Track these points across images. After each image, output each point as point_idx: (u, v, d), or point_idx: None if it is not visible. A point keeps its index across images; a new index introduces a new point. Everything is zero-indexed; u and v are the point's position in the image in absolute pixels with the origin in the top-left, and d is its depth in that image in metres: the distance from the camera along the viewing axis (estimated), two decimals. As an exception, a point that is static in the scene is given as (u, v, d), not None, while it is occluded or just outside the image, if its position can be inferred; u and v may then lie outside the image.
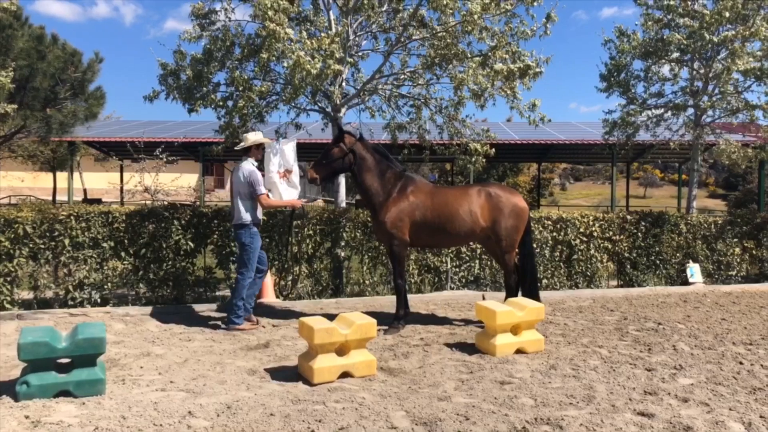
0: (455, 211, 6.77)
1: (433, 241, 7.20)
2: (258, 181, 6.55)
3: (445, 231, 6.82)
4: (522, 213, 6.98)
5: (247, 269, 6.62)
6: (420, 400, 4.47)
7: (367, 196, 6.83)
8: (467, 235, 6.97)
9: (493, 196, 6.93)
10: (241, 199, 6.57)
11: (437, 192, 6.98)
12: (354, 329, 5.00)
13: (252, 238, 6.59)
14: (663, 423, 4.09)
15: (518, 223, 6.95)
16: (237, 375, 5.01)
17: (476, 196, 6.91)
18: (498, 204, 6.88)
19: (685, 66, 11.51)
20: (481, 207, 6.86)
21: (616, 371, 5.31)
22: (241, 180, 6.59)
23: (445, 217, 6.76)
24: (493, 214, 6.87)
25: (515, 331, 5.87)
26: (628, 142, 12.33)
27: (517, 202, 6.99)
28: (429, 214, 6.76)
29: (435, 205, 6.78)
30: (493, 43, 8.24)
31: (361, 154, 6.74)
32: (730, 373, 5.32)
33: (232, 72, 8.29)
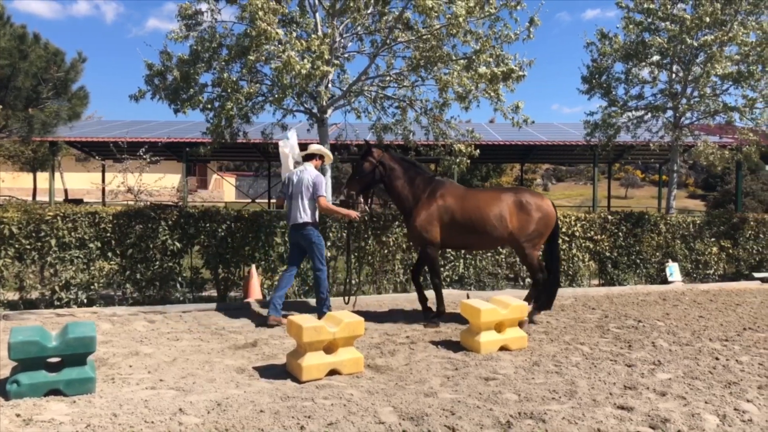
0: (486, 215, 6.99)
1: (464, 242, 7.39)
2: (322, 183, 7.04)
3: (475, 233, 7.05)
4: (549, 219, 7.19)
5: (322, 263, 7.10)
6: (407, 396, 4.57)
7: (399, 202, 7.30)
8: (497, 238, 7.16)
9: (524, 202, 7.13)
10: (307, 200, 6.98)
11: (468, 195, 7.17)
12: (342, 327, 5.09)
13: (319, 235, 7.11)
14: (641, 416, 4.23)
15: (544, 229, 7.19)
16: (226, 373, 5.07)
17: (507, 201, 7.11)
18: (528, 210, 7.09)
19: (665, 69, 11.73)
20: (510, 212, 7.06)
21: (597, 367, 5.45)
22: (305, 182, 6.99)
23: (475, 220, 6.99)
24: (522, 219, 7.07)
25: (499, 328, 6.00)
26: (609, 143, 12.54)
27: (546, 208, 7.19)
28: (459, 217, 6.99)
29: (465, 209, 7.01)
30: (478, 46, 8.37)
31: (389, 164, 7.20)
32: (707, 368, 5.49)
33: (219, 73, 8.33)
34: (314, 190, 6.96)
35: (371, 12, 8.99)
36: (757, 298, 9.28)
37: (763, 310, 8.37)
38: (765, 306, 8.66)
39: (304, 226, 6.98)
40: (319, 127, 9.40)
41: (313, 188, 6.96)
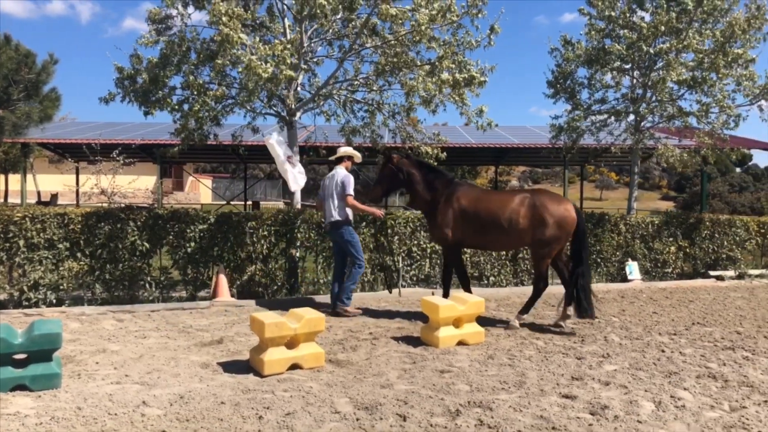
0: (497, 217, 7.04)
1: (480, 243, 7.56)
2: (350, 183, 7.52)
3: (489, 235, 7.17)
4: (565, 223, 6.94)
5: (358, 259, 7.58)
6: (364, 387, 4.79)
7: (420, 205, 7.64)
8: (511, 239, 7.19)
9: (537, 205, 6.98)
10: (338, 200, 7.51)
11: (483, 197, 7.32)
12: (303, 323, 5.28)
13: (351, 233, 7.59)
14: (584, 403, 4.50)
15: (560, 233, 6.95)
16: (190, 369, 5.24)
17: (519, 204, 7.05)
18: (541, 213, 6.93)
19: (627, 74, 12.13)
20: (523, 215, 6.98)
21: (549, 360, 5.72)
22: (335, 183, 7.54)
23: (488, 222, 7.09)
24: (535, 222, 6.94)
25: (457, 324, 6.25)
26: (574, 146, 12.90)
27: (561, 212, 6.96)
28: (474, 218, 7.17)
29: (479, 211, 7.15)
30: (441, 52, 8.62)
31: (408, 170, 7.49)
32: (652, 360, 5.79)
33: (187, 76, 8.48)
34: (342, 189, 7.46)
35: (340, 17, 9.20)
36: (710, 295, 9.68)
37: (714, 306, 8.75)
38: (716, 302, 9.05)
39: (336, 224, 7.53)
40: (288, 129, 9.58)
41: (342, 187, 7.47)
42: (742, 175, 74.69)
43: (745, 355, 6.00)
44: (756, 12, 10.72)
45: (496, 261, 10.15)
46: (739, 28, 10.38)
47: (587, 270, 7.14)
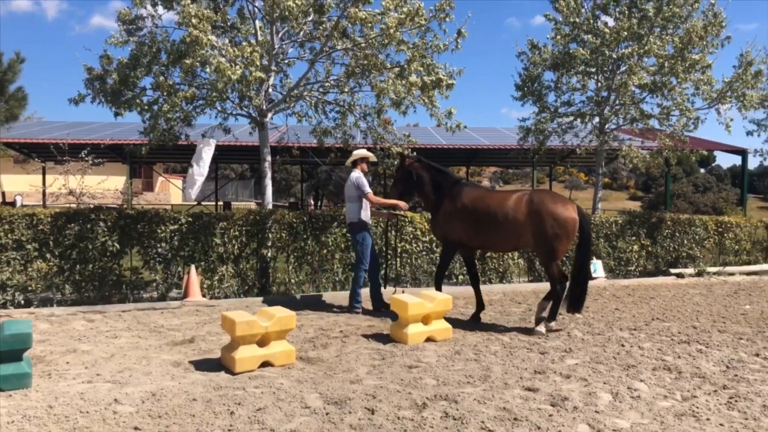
0: (495, 216, 7.03)
1: (482, 243, 7.55)
2: (364, 183, 7.72)
3: (489, 234, 7.20)
4: (565, 223, 6.77)
5: (362, 262, 7.79)
6: (333, 383, 4.91)
7: (428, 205, 7.83)
8: (510, 240, 7.14)
9: (534, 203, 6.88)
10: (351, 202, 7.75)
11: (484, 197, 7.35)
12: (274, 322, 5.39)
13: (363, 235, 7.77)
14: (545, 395, 4.70)
15: (561, 233, 6.77)
16: (162, 367, 5.30)
17: (517, 204, 6.99)
18: (538, 212, 6.81)
19: (591, 78, 12.45)
20: (521, 214, 6.91)
21: (513, 355, 5.92)
22: (350, 185, 7.76)
23: (487, 222, 7.13)
24: (532, 221, 6.84)
25: (426, 321, 6.41)
26: (542, 148, 13.20)
27: (562, 213, 6.79)
28: (475, 218, 7.23)
29: (479, 210, 7.20)
30: (409, 56, 8.79)
31: (419, 173, 7.71)
32: (612, 354, 6.02)
33: (157, 77, 8.49)
34: (358, 190, 7.69)
35: (310, 20, 9.29)
36: (670, 292, 10.02)
37: (673, 302, 9.07)
38: (676, 299, 9.38)
39: (351, 226, 7.81)
40: (260, 130, 9.65)
41: (357, 188, 7.69)
42: (706, 175, 76.57)
43: (699, 348, 6.28)
44: (713, 19, 11.13)
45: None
46: (696, 35, 10.76)
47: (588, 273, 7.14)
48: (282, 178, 47.37)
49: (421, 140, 20.04)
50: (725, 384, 5.06)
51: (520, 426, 4.05)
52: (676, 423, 4.17)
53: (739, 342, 6.61)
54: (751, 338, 6.79)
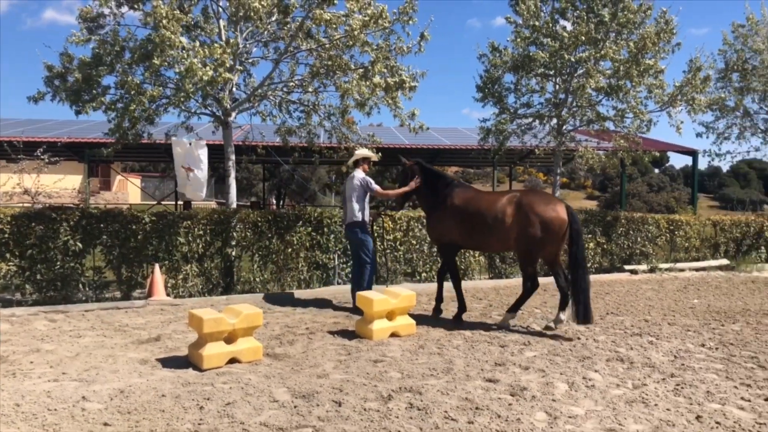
0: (484, 216, 7.07)
1: (474, 243, 7.62)
2: (370, 182, 7.89)
3: (479, 234, 7.24)
4: (552, 224, 6.74)
5: (369, 258, 7.90)
6: (301, 378, 5.03)
7: (423, 206, 8.03)
8: (499, 240, 7.14)
9: (522, 204, 6.89)
10: (355, 201, 7.83)
11: (474, 199, 7.38)
12: (241, 319, 5.47)
13: (365, 234, 7.91)
14: (505, 386, 4.90)
15: (546, 234, 6.75)
16: (129, 365, 5.32)
17: (505, 205, 7.01)
18: (526, 212, 6.81)
19: (550, 80, 12.80)
20: (508, 214, 6.93)
21: (475, 348, 6.13)
22: (354, 185, 7.84)
23: (476, 223, 7.18)
24: (519, 222, 6.85)
25: (390, 316, 6.57)
26: (501, 148, 13.50)
27: (548, 212, 6.77)
28: (464, 219, 7.29)
29: (469, 211, 7.26)
30: (373, 57, 8.93)
31: (416, 175, 7.84)
32: (568, 346, 6.29)
33: (123, 76, 8.43)
34: (366, 190, 7.85)
35: (275, 20, 9.35)
36: (624, 288, 10.42)
37: (627, 297, 9.45)
38: (629, 294, 9.77)
39: (353, 225, 7.86)
40: (224, 129, 9.66)
41: (364, 189, 7.84)
42: (660, 175, 78.98)
43: (650, 340, 6.60)
44: (664, 26, 11.58)
45: (428, 258, 10.55)
46: (650, 41, 11.20)
47: (585, 272, 6.85)
48: (243, 177, 47.00)
49: (385, 140, 20.21)
50: (673, 372, 5.35)
51: (481, 415, 4.24)
52: (627, 409, 4.41)
53: (686, 334, 6.96)
54: (697, 330, 7.16)
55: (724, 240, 14.00)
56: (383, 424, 4.04)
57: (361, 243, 7.90)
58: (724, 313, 8.26)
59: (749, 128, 16.66)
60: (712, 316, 8.03)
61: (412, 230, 10.35)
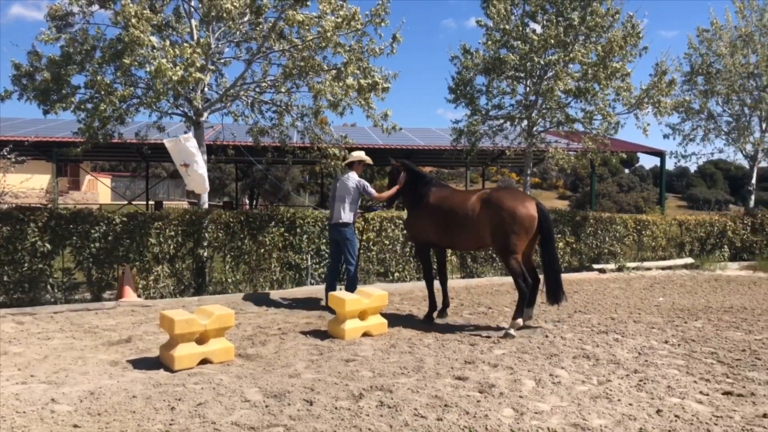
0: (456, 214, 7.17)
1: (449, 242, 7.61)
2: (368, 185, 8.03)
3: (451, 233, 7.31)
4: (523, 220, 6.75)
5: (354, 259, 8.03)
6: (272, 378, 5.06)
7: (405, 205, 8.22)
8: (472, 237, 7.18)
9: (492, 201, 6.93)
10: (347, 202, 7.94)
11: (449, 197, 7.46)
12: (213, 320, 5.48)
13: (353, 235, 8.07)
14: (474, 383, 5.00)
15: (518, 230, 6.75)
16: (99, 367, 5.30)
17: (476, 202, 7.06)
18: (495, 209, 6.85)
19: (521, 82, 12.99)
20: (479, 212, 6.97)
21: (445, 346, 6.23)
22: (348, 187, 7.96)
23: (450, 221, 7.25)
24: (491, 219, 6.88)
25: (362, 316, 6.64)
26: (473, 149, 13.66)
27: (519, 210, 6.77)
28: (439, 218, 7.35)
29: (443, 209, 7.35)
30: (346, 58, 8.98)
31: (401, 174, 7.97)
32: (536, 344, 6.42)
33: (93, 75, 8.34)
34: (361, 193, 8.00)
35: (247, 20, 9.34)
36: (592, 287, 10.64)
37: (595, 296, 9.65)
38: (597, 293, 9.98)
39: (343, 225, 7.94)
40: (195, 129, 9.62)
41: (359, 191, 7.97)
42: (630, 176, 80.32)
43: (616, 338, 6.77)
44: (631, 30, 11.85)
45: (400, 258, 10.63)
46: (617, 45, 11.44)
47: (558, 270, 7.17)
48: (216, 177, 46.61)
49: (359, 140, 20.30)
50: (636, 369, 5.51)
51: (450, 411, 4.33)
52: (592, 404, 4.54)
53: (651, 331, 7.15)
54: (662, 327, 7.36)
55: (689, 239, 14.35)
56: (354, 422, 4.10)
57: (348, 243, 7.96)
58: (688, 311, 8.50)
59: (713, 130, 17.10)
60: (676, 314, 8.25)
61: (385, 230, 10.43)
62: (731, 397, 4.78)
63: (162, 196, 42.63)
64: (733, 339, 6.79)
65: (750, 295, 10.12)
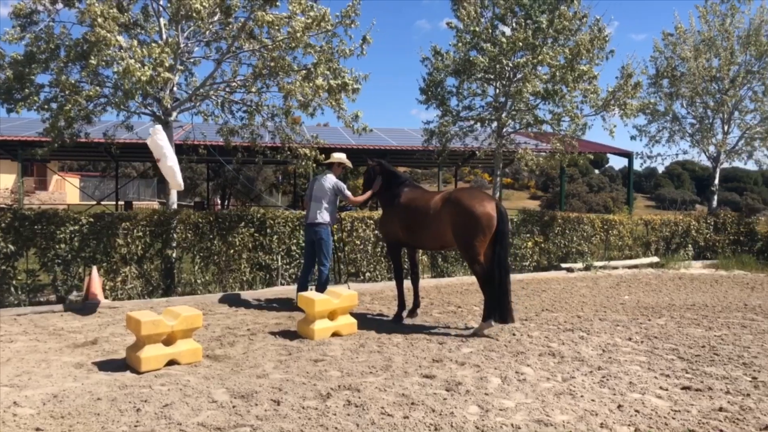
0: (420, 214, 7.25)
1: (414, 241, 7.62)
2: (343, 187, 8.12)
3: (417, 232, 7.35)
4: (480, 219, 6.72)
5: (327, 260, 8.09)
6: (240, 379, 5.06)
7: (381, 204, 8.24)
8: (434, 237, 7.23)
9: (452, 201, 6.98)
10: (324, 203, 8.00)
11: (417, 198, 7.50)
12: (180, 320, 5.45)
13: (329, 235, 8.11)
14: (441, 381, 5.07)
15: (476, 230, 6.74)
16: (63, 369, 5.24)
17: (439, 202, 7.14)
18: (455, 209, 6.90)
19: (491, 84, 13.13)
20: (439, 211, 7.06)
21: (414, 345, 6.28)
22: (325, 188, 8.02)
23: (416, 221, 7.31)
24: (451, 218, 6.92)
25: (332, 316, 6.66)
26: (445, 150, 13.77)
27: (477, 209, 6.76)
28: (410, 218, 7.38)
29: (410, 209, 7.40)
30: (316, 59, 9.00)
31: (377, 174, 8.02)
32: (504, 342, 6.51)
33: (57, 74, 8.21)
34: (338, 194, 8.08)
35: (217, 19, 9.29)
36: (560, 285, 10.82)
37: (562, 294, 9.81)
38: (565, 291, 10.15)
39: (319, 225, 7.99)
40: (164, 129, 9.51)
41: (337, 192, 8.06)
42: (600, 176, 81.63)
43: (581, 335, 6.90)
44: (598, 34, 12.07)
45: (372, 258, 10.68)
46: (584, 48, 11.65)
47: (507, 273, 6.86)
48: (187, 177, 46.09)
49: (332, 140, 20.30)
50: (600, 365, 5.63)
51: (416, 409, 4.38)
52: (555, 401, 4.64)
53: (615, 328, 7.30)
54: (626, 325, 7.52)
55: (655, 239, 14.66)
56: (321, 421, 4.13)
57: (323, 243, 8.00)
58: (652, 309, 8.70)
59: (678, 132, 17.50)
60: (641, 312, 8.44)
61: (356, 230, 10.46)
62: (689, 391, 4.92)
63: (132, 196, 42.02)
64: (694, 335, 6.98)
65: (711, 292, 10.40)
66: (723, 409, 4.50)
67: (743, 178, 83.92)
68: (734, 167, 74.23)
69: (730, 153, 17.13)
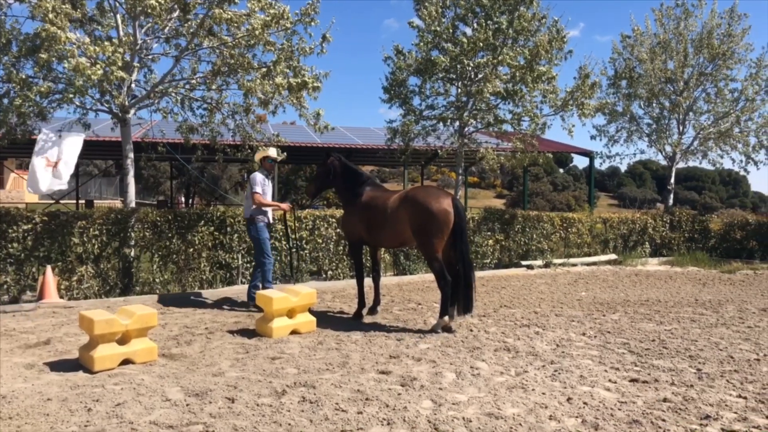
0: (381, 214, 7.23)
1: (374, 240, 7.58)
2: (255, 182, 7.91)
3: (376, 231, 7.34)
4: (437, 216, 6.77)
5: (263, 256, 7.94)
6: (195, 377, 5.04)
7: (341, 202, 8.12)
8: (393, 235, 7.23)
9: (408, 200, 7.03)
10: (248, 198, 7.96)
11: (378, 196, 7.49)
12: (135, 320, 5.40)
13: (258, 231, 7.93)
14: (396, 377, 5.12)
15: (434, 227, 6.79)
16: (13, 370, 5.14)
17: (397, 201, 7.17)
18: (413, 207, 6.93)
19: (453, 84, 13.26)
20: (397, 209, 7.09)
21: (372, 342, 6.33)
22: (250, 184, 7.98)
23: (376, 220, 7.29)
24: (409, 217, 6.95)
25: (291, 314, 6.66)
26: (408, 148, 13.86)
27: (434, 206, 6.81)
28: (370, 216, 7.36)
29: (370, 208, 7.38)
30: (275, 57, 8.97)
31: (336, 170, 7.90)
32: (461, 338, 6.61)
33: (7, 69, 8.02)
34: (250, 187, 7.91)
35: (176, 16, 9.18)
36: (519, 282, 11.00)
37: (521, 291, 9.99)
38: (524, 288, 10.33)
39: (247, 221, 8.03)
40: (122, 126, 9.39)
41: (250, 187, 7.91)
42: (565, 175, 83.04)
43: (537, 331, 7.04)
44: (556, 35, 12.30)
45: (334, 256, 10.70)
46: (543, 48, 11.85)
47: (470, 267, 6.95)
48: (150, 175, 45.30)
49: (297, 138, 20.24)
50: (553, 360, 5.77)
51: (370, 405, 4.43)
52: (507, 394, 4.74)
53: (570, 324, 7.47)
54: (581, 320, 7.70)
55: (613, 236, 15.01)
56: (274, 417, 4.15)
57: (253, 239, 8.04)
58: (607, 304, 8.91)
59: (636, 132, 17.94)
60: (596, 307, 8.64)
61: (318, 229, 10.46)
62: (637, 383, 5.08)
63: (94, 194, 41.17)
64: (645, 330, 7.18)
65: (665, 288, 10.70)
66: (667, 399, 4.65)
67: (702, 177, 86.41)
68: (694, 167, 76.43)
69: (685, 153, 17.63)
